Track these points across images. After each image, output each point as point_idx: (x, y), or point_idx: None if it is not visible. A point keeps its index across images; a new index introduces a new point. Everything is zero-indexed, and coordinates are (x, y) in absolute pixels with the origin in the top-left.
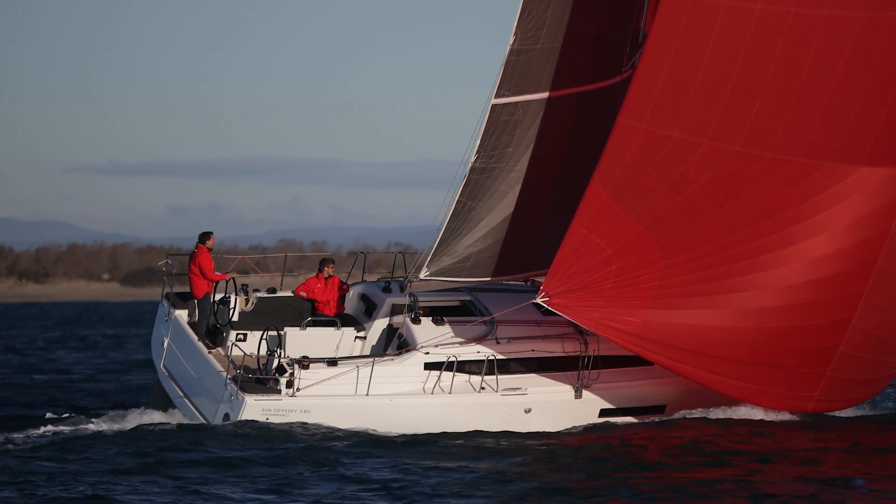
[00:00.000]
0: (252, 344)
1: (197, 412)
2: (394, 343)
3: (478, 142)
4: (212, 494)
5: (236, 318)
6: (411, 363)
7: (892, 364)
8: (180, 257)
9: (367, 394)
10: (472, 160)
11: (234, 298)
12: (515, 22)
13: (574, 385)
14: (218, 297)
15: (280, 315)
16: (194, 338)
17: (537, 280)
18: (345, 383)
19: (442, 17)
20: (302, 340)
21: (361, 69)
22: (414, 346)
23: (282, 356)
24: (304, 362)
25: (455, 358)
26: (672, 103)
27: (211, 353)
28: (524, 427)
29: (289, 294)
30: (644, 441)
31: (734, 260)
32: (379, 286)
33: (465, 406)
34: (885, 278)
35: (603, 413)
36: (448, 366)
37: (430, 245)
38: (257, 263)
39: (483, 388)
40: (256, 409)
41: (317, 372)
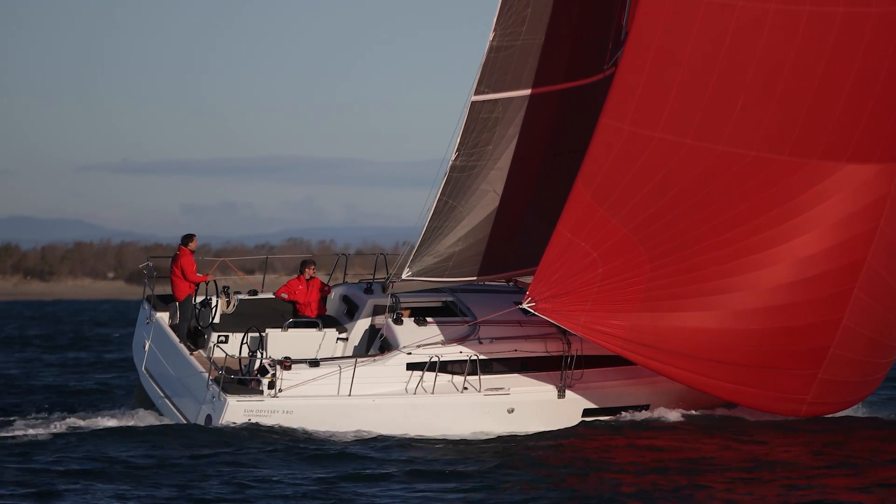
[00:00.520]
0: (234, 345)
1: (179, 414)
2: (376, 344)
3: (458, 139)
4: (192, 495)
5: (217, 321)
6: (394, 364)
7: (884, 365)
8: (162, 259)
9: (350, 394)
10: (453, 158)
11: (216, 300)
12: (495, 18)
13: (557, 385)
14: (199, 300)
15: (261, 317)
16: (176, 340)
17: (520, 280)
18: (327, 384)
19: (465, 16)
20: (284, 342)
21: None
22: (396, 347)
23: (264, 357)
24: (286, 363)
25: (438, 358)
26: (654, 103)
27: (193, 356)
28: (507, 427)
29: (270, 296)
30: (627, 441)
31: (721, 261)
32: (361, 287)
33: (448, 406)
34: (874, 278)
35: (586, 413)
36: (431, 366)
37: (412, 245)
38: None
39: (466, 389)
40: (238, 411)
41: (299, 373)
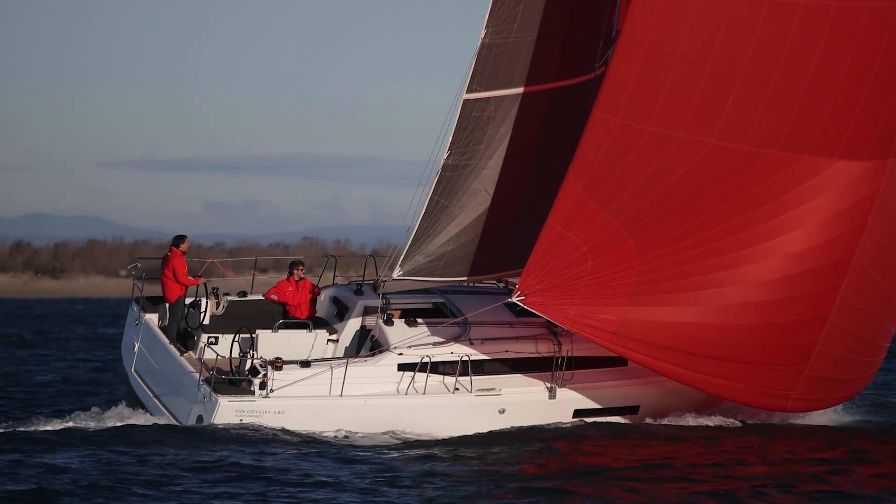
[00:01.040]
0: (224, 347)
1: (170, 414)
2: (366, 345)
3: (449, 138)
4: (183, 495)
5: (207, 322)
6: (385, 364)
7: (871, 363)
8: (151, 261)
9: (341, 395)
10: (445, 157)
11: (205, 302)
12: (486, 15)
13: (548, 385)
14: (188, 301)
15: (251, 318)
16: (165, 341)
17: (511, 281)
18: (318, 384)
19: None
20: (274, 343)
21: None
22: (387, 347)
23: (255, 357)
24: (278, 363)
25: (429, 359)
26: (647, 96)
27: (183, 357)
28: (498, 427)
29: (259, 297)
30: (617, 442)
31: (710, 256)
32: (351, 289)
33: (439, 407)
34: (862, 275)
35: (577, 413)
36: (422, 367)
37: (403, 244)
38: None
39: (457, 389)
40: (230, 411)
41: (290, 373)
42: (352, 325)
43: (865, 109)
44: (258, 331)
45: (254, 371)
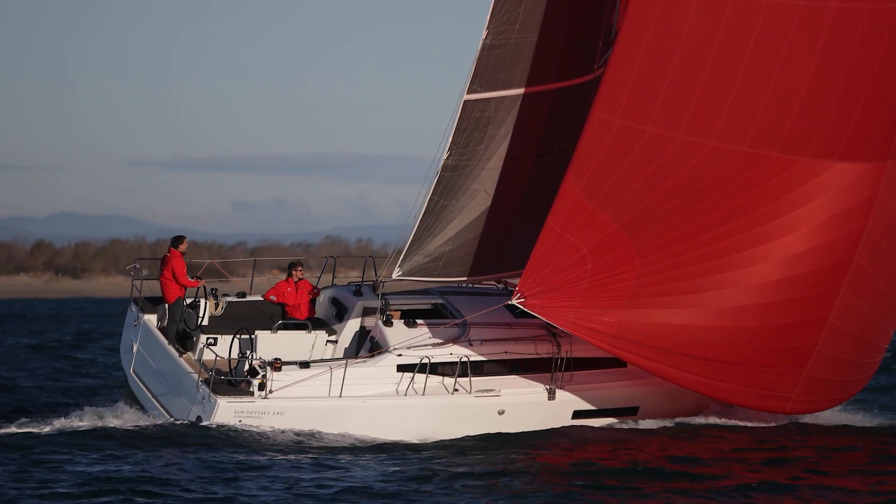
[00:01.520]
0: (223, 347)
1: (168, 415)
2: (366, 346)
3: (450, 138)
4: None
5: (206, 323)
6: (384, 365)
7: (870, 365)
8: (150, 261)
9: (340, 396)
10: (445, 157)
11: (204, 303)
12: (488, 16)
13: (547, 386)
14: (187, 302)
15: (250, 319)
16: (164, 342)
17: (510, 282)
18: (317, 385)
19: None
20: (273, 344)
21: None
22: (386, 348)
23: (253, 358)
24: (277, 364)
25: (428, 360)
26: (645, 96)
27: (182, 358)
28: (497, 428)
29: (258, 298)
30: (617, 443)
31: (710, 258)
32: (350, 290)
33: (439, 408)
34: (862, 277)
35: (576, 415)
36: (421, 368)
37: (402, 245)
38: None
39: (456, 390)
40: (229, 412)
41: (289, 374)
42: (351, 326)
43: (865, 111)
44: (257, 332)
45: (253, 372)
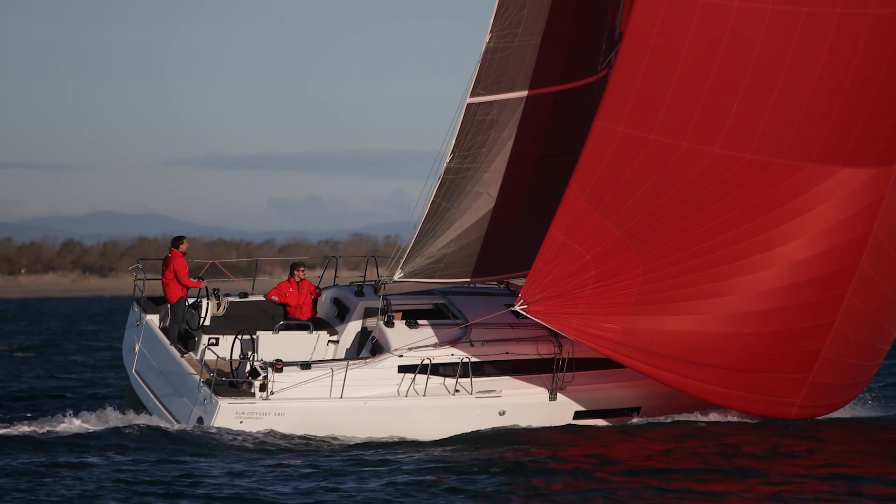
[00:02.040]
0: (224, 348)
1: (170, 416)
2: (367, 346)
3: (452, 141)
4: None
5: (208, 323)
6: (385, 366)
7: (872, 367)
8: (152, 262)
9: (341, 397)
10: (447, 160)
11: (206, 303)
12: (491, 19)
13: (548, 387)
14: (189, 302)
15: (252, 319)
16: (166, 342)
17: (512, 282)
18: (319, 386)
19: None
20: (274, 344)
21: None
22: (387, 350)
23: (255, 359)
24: (278, 365)
25: (429, 361)
26: (649, 105)
27: (183, 358)
28: (499, 429)
29: (260, 298)
30: (618, 443)
31: (714, 264)
32: (352, 290)
33: (440, 409)
34: (867, 281)
35: (577, 415)
36: (422, 368)
37: (404, 247)
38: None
39: (457, 391)
40: (230, 413)
41: (290, 375)
42: (352, 327)
43: (870, 116)
44: (259, 332)
45: (254, 373)
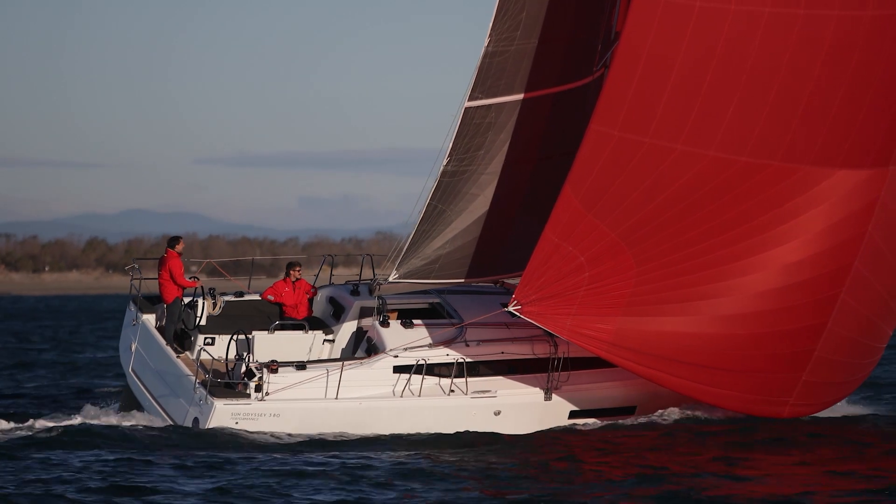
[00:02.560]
0: (220, 348)
1: (166, 416)
2: (362, 346)
3: (450, 144)
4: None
5: (204, 322)
6: (380, 366)
7: (865, 365)
8: (148, 261)
9: (337, 397)
10: (444, 163)
11: (202, 302)
12: (490, 23)
13: (544, 387)
14: (185, 301)
15: (248, 319)
16: (162, 342)
17: (507, 282)
18: (314, 387)
19: None
20: (270, 344)
21: None
22: (383, 350)
23: (250, 360)
24: (273, 366)
25: (424, 361)
26: (644, 108)
27: (179, 358)
28: (494, 429)
29: (256, 297)
30: (614, 443)
31: (708, 266)
32: (347, 289)
33: (435, 409)
34: (860, 282)
35: (573, 415)
36: (417, 369)
37: (399, 248)
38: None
39: (452, 391)
40: (225, 414)
41: (286, 376)
42: (348, 327)
43: (867, 118)
44: (254, 332)
45: (249, 374)
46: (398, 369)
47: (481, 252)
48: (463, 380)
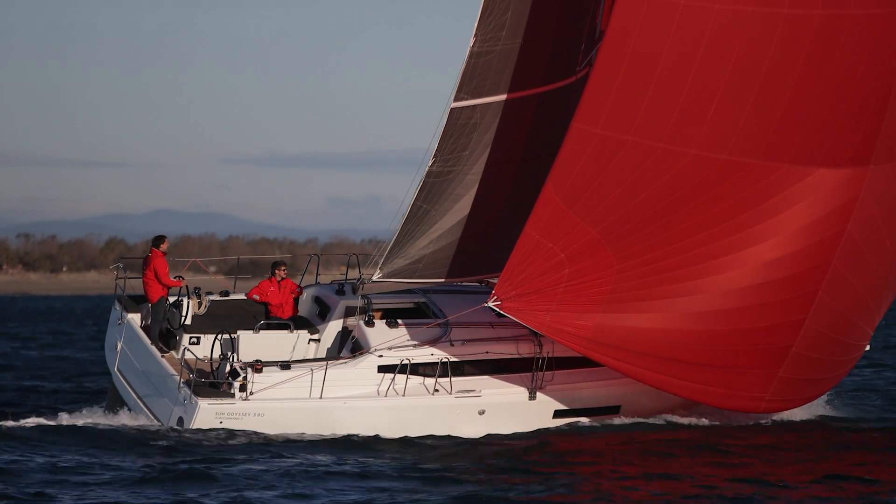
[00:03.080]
0: (205, 347)
1: (151, 415)
2: (347, 346)
3: (436, 145)
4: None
5: (189, 322)
6: (365, 366)
7: (844, 363)
8: (133, 260)
9: (321, 397)
10: (430, 164)
11: (187, 301)
12: (475, 24)
13: (528, 387)
14: (171, 301)
15: (233, 318)
16: (147, 341)
17: (492, 281)
18: (298, 386)
19: None
20: (255, 344)
21: None
22: (367, 349)
23: (235, 360)
24: (258, 366)
25: (409, 360)
26: (627, 106)
27: (164, 357)
28: (478, 429)
29: (242, 297)
30: (598, 442)
31: (688, 263)
32: (333, 288)
33: (419, 408)
34: (839, 280)
35: (557, 414)
36: (402, 368)
37: (384, 247)
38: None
39: (437, 391)
40: (210, 414)
41: (270, 375)
42: (333, 326)
43: (847, 117)
44: (239, 331)
45: (234, 373)
46: (382, 369)
47: (466, 252)
48: (447, 379)
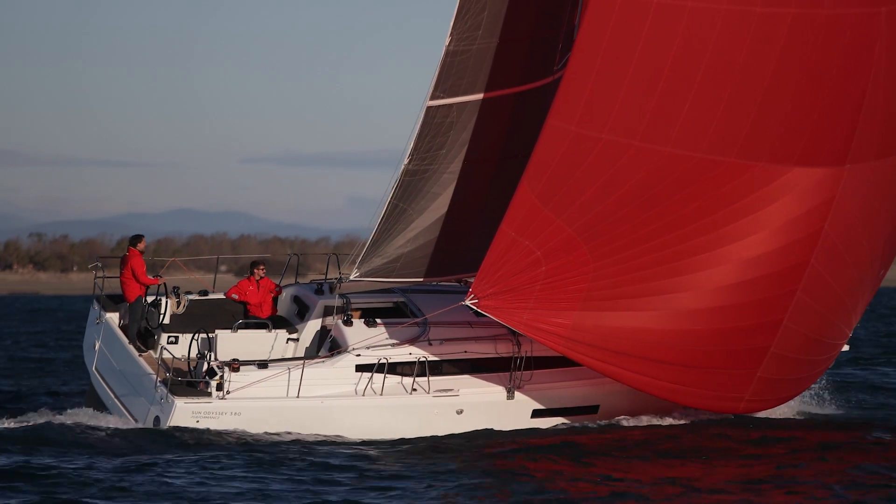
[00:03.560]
0: (184, 346)
1: (128, 415)
2: (326, 345)
3: (411, 144)
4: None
5: (167, 321)
6: (342, 365)
7: (821, 362)
8: (112, 259)
9: (298, 396)
10: (405, 162)
11: (165, 301)
12: (451, 22)
13: (506, 386)
14: (149, 300)
15: (212, 317)
16: (125, 341)
17: (470, 280)
18: (275, 386)
19: None
20: (233, 343)
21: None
22: (345, 348)
23: (212, 359)
24: (235, 365)
25: (386, 360)
26: (601, 104)
27: (142, 356)
28: (456, 428)
29: (221, 296)
30: (576, 443)
31: (664, 262)
32: (311, 288)
33: (397, 408)
34: (816, 279)
35: (535, 414)
36: (379, 367)
37: (361, 247)
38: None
39: (415, 390)
40: (186, 412)
41: (247, 374)
42: (312, 325)
43: (822, 116)
44: (217, 331)
45: (211, 372)
46: (360, 368)
47: (444, 251)
48: (425, 378)
